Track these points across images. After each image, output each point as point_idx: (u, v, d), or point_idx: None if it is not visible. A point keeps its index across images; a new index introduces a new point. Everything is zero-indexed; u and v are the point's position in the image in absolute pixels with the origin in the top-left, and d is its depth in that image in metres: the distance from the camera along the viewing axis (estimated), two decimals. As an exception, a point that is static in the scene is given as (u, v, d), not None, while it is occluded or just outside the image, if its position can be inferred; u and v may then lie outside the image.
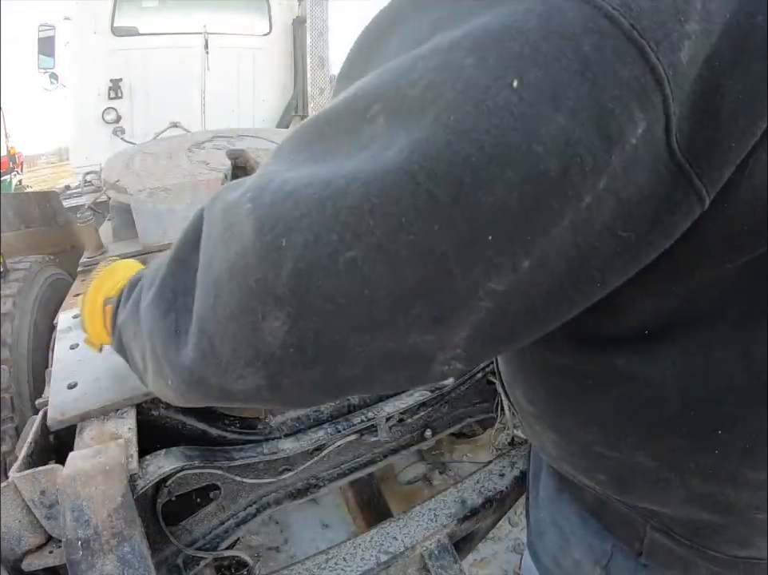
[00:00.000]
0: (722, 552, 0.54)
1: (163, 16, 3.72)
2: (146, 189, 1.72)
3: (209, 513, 0.94)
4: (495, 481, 1.18)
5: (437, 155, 0.28)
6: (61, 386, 0.89)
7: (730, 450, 0.44)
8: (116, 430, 0.78)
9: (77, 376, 0.92)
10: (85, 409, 0.84)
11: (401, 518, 1.07)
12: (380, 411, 1.08)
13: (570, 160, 0.27)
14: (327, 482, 1.08)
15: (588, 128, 0.27)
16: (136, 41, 3.57)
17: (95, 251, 1.70)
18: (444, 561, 1.02)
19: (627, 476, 0.52)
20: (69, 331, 1.13)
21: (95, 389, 0.88)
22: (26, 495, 0.68)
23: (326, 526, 1.98)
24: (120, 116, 3.60)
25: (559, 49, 0.27)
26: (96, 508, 0.65)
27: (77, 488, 0.66)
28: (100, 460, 0.69)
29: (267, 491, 1.01)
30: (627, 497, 0.56)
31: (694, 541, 0.55)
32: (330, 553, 0.98)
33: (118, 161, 1.96)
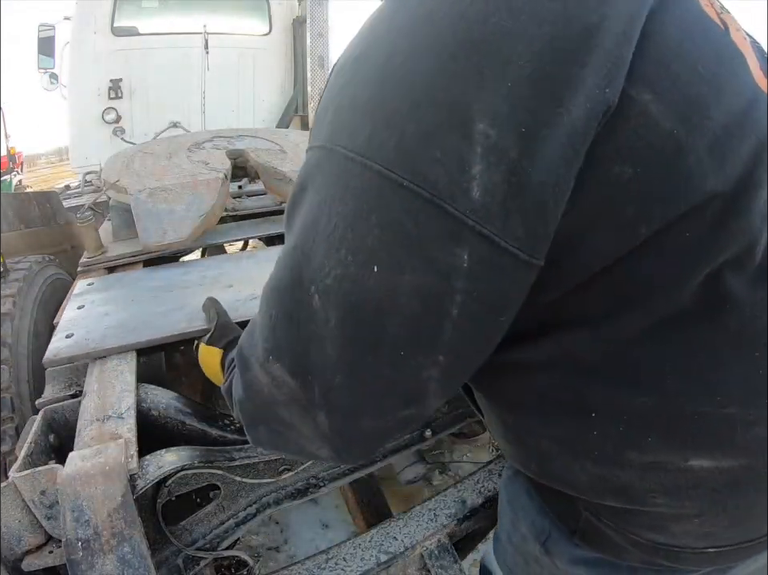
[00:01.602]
0: (642, 536, 0.56)
1: (163, 16, 3.72)
2: (146, 189, 1.72)
3: (209, 513, 0.94)
4: (495, 481, 1.18)
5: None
6: (61, 337, 1.08)
7: (607, 431, 0.50)
8: (116, 429, 0.78)
9: (76, 330, 1.11)
10: (74, 354, 1.02)
11: (401, 518, 1.07)
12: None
13: (426, 299, 0.40)
14: (327, 482, 1.08)
15: (429, 275, 0.39)
16: (136, 42, 3.56)
17: (95, 251, 1.69)
18: (444, 561, 1.02)
19: (544, 462, 0.58)
20: (81, 295, 1.32)
21: (86, 340, 1.06)
22: (26, 495, 0.68)
23: (326, 526, 1.97)
24: (120, 116, 3.60)
25: (391, 229, 0.40)
26: (96, 508, 0.65)
27: (76, 488, 0.66)
28: (100, 460, 0.69)
29: (267, 491, 1.01)
30: (551, 483, 0.60)
31: (617, 524, 0.57)
32: (330, 553, 0.98)
33: (118, 161, 1.96)
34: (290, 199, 0.48)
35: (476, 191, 0.37)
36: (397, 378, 0.44)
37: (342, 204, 0.41)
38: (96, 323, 1.14)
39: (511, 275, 0.40)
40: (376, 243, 0.40)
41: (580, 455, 0.53)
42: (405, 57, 0.40)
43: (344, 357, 0.44)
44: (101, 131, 3.57)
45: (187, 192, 1.73)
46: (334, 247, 0.41)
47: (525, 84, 0.36)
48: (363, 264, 0.40)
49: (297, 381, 0.46)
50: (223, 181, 1.80)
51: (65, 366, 1.04)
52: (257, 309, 0.53)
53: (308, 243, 0.44)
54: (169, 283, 1.37)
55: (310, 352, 0.45)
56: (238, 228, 1.97)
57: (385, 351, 0.43)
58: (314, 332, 0.44)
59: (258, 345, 0.50)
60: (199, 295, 1.27)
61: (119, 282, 1.42)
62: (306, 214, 0.45)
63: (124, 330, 1.10)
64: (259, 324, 0.51)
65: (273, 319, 0.48)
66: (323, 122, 0.46)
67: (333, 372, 0.44)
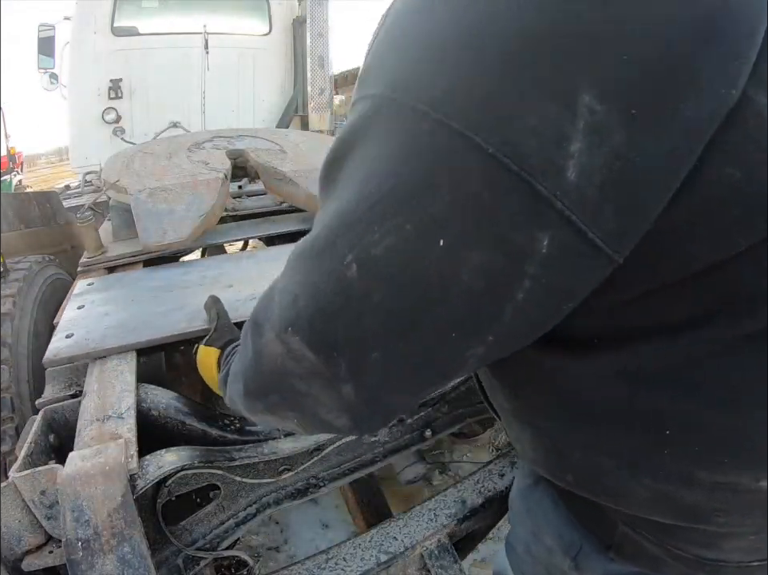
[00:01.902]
0: (688, 552, 0.54)
1: (163, 16, 3.72)
2: (146, 189, 1.72)
3: (209, 513, 0.94)
4: (495, 481, 1.18)
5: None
6: (61, 337, 1.09)
7: (680, 450, 0.46)
8: (116, 429, 0.78)
9: (76, 330, 1.11)
10: (74, 354, 1.02)
11: (401, 518, 1.07)
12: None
13: (492, 280, 0.36)
14: (327, 482, 1.08)
15: (500, 256, 0.35)
16: (136, 41, 3.56)
17: (95, 251, 1.69)
18: (444, 561, 1.03)
19: (592, 476, 0.53)
20: (81, 295, 1.32)
21: (86, 340, 1.06)
22: (26, 495, 0.68)
23: (326, 526, 1.97)
24: (120, 116, 3.59)
25: (465, 202, 0.35)
26: (96, 508, 0.65)
27: (76, 488, 0.66)
28: (100, 460, 0.69)
29: (267, 491, 1.01)
30: (595, 496, 0.56)
31: (660, 539, 0.55)
32: (330, 553, 0.98)
33: (118, 161, 1.96)
34: (331, 155, 0.43)
35: (571, 171, 0.33)
36: (441, 356, 0.41)
37: (403, 164, 0.36)
38: (97, 323, 1.14)
39: (588, 268, 0.37)
40: (444, 213, 0.35)
41: (642, 472, 0.49)
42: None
43: (384, 334, 0.40)
44: (101, 131, 3.57)
45: (187, 192, 1.73)
46: (388, 213, 0.36)
47: (645, 63, 0.32)
48: (425, 236, 0.36)
49: (319, 356, 0.42)
50: (223, 181, 1.80)
51: (65, 367, 1.04)
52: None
53: (351, 206, 0.39)
54: (169, 283, 1.37)
55: (338, 328, 0.41)
56: (238, 227, 1.97)
57: (434, 330, 0.39)
58: (346, 306, 0.40)
59: (274, 312, 0.46)
60: (199, 295, 1.27)
61: (119, 282, 1.43)
62: (352, 173, 0.40)
63: (124, 330, 1.10)
64: (279, 290, 0.46)
65: (296, 287, 0.43)
66: (381, 68, 0.40)
67: (368, 348, 0.41)
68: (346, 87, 8.48)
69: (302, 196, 1.89)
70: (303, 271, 0.43)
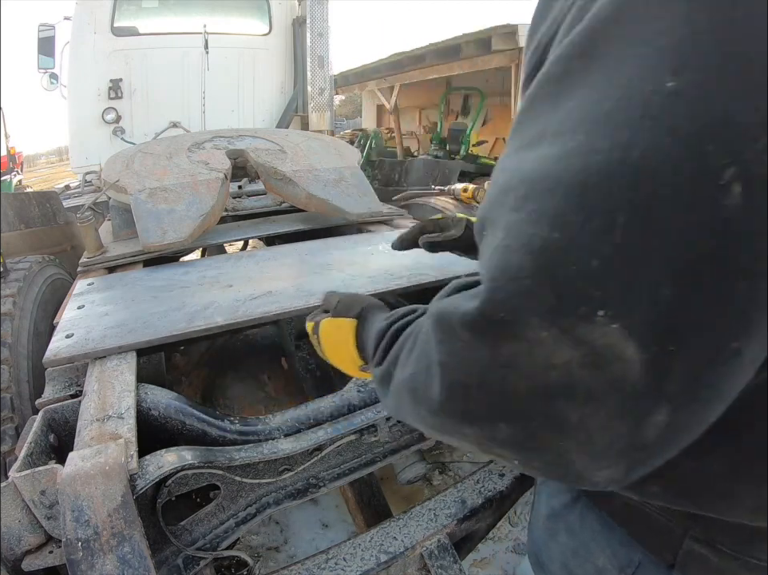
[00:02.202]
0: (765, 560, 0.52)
1: (163, 16, 3.72)
2: (146, 189, 1.72)
3: (209, 513, 0.94)
4: (495, 481, 1.18)
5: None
6: (61, 336, 1.10)
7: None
8: (116, 430, 0.78)
9: (76, 329, 1.12)
10: (73, 353, 1.03)
11: (401, 518, 1.07)
12: (380, 411, 1.08)
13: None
14: (327, 482, 1.08)
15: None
16: (136, 42, 3.56)
17: (95, 251, 1.70)
18: (444, 560, 1.03)
19: (693, 485, 0.48)
20: (81, 295, 1.34)
21: (86, 340, 1.07)
22: (26, 495, 0.69)
23: (326, 526, 1.97)
24: (120, 116, 3.60)
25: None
26: (96, 508, 0.65)
27: (76, 488, 0.66)
28: (100, 460, 0.69)
29: (267, 491, 1.01)
30: (683, 506, 0.52)
31: (737, 549, 0.53)
32: (330, 553, 0.98)
33: (118, 161, 1.96)
34: (586, 31, 0.33)
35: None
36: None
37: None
38: (97, 322, 1.15)
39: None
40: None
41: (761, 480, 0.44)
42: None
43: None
44: (101, 131, 3.57)
45: (187, 192, 1.73)
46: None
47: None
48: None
49: (648, 352, 0.29)
50: (223, 181, 1.80)
51: (65, 367, 1.04)
52: (258, 309, 0.40)
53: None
54: (169, 283, 1.37)
55: (696, 305, 0.28)
56: (238, 227, 1.97)
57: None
58: (729, 268, 0.28)
59: (568, 289, 0.30)
60: (198, 295, 1.27)
61: (119, 282, 1.43)
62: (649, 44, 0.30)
63: (124, 330, 1.10)
64: (577, 247, 0.29)
65: (617, 237, 0.28)
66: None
67: (724, 345, 0.30)
68: (346, 87, 8.47)
69: (303, 196, 1.89)
70: (614, 206, 0.29)
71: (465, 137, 6.73)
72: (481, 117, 7.32)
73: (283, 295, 1.25)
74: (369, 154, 6.69)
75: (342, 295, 0.75)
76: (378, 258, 1.56)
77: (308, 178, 1.92)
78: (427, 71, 6.22)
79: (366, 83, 7.84)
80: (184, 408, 0.95)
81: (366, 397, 1.15)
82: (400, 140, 7.86)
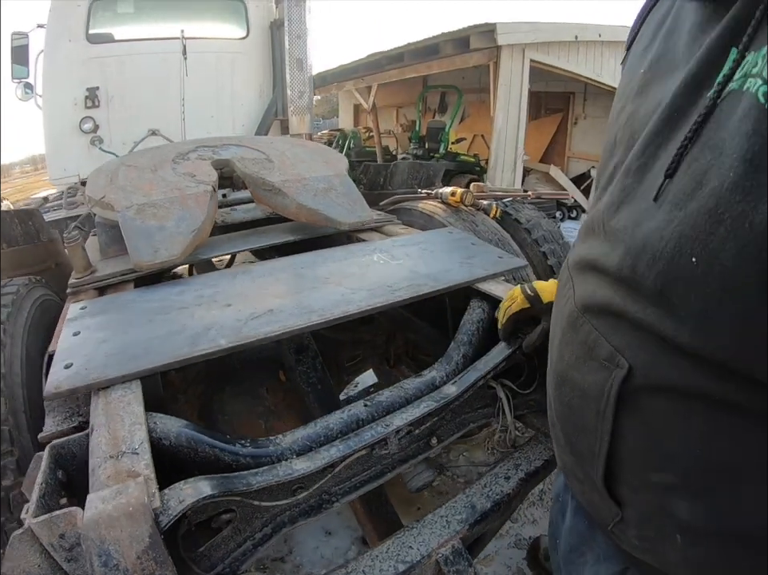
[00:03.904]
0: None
1: (139, 22, 3.65)
2: (134, 206, 1.69)
3: (226, 538, 0.93)
4: (502, 485, 1.19)
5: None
6: (60, 367, 1.06)
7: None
8: (133, 466, 0.77)
9: (75, 359, 1.09)
10: (76, 385, 1.00)
11: (414, 527, 1.08)
12: (389, 425, 1.08)
13: None
14: (340, 497, 1.08)
15: None
16: (111, 48, 3.49)
17: (83, 271, 1.66)
18: (459, 565, 1.03)
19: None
20: (75, 320, 1.29)
21: (86, 370, 1.04)
22: (44, 540, 0.67)
23: (330, 534, 1.98)
24: (98, 125, 3.52)
25: None
26: (124, 551, 0.64)
27: (101, 532, 0.64)
28: (122, 501, 0.68)
29: (282, 510, 1.01)
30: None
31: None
32: (349, 567, 0.98)
33: (101, 176, 1.92)
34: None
35: None
36: None
37: None
38: (95, 350, 1.12)
39: None
40: None
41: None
42: None
43: None
44: (79, 141, 3.50)
45: (176, 207, 1.70)
46: None
47: None
48: None
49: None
50: (211, 194, 1.78)
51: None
52: (262, 329, 0.41)
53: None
54: (165, 304, 1.35)
55: None
56: (228, 240, 1.95)
57: None
58: None
59: None
60: (197, 316, 1.26)
61: (113, 304, 1.40)
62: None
63: (124, 357, 1.08)
64: None
65: None
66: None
67: None
68: (323, 87, 8.42)
69: (293, 207, 1.88)
70: None
71: (443, 135, 6.74)
72: (459, 115, 7.34)
73: (284, 313, 1.25)
74: (348, 154, 6.68)
75: None
76: (375, 269, 1.55)
77: (297, 188, 1.91)
78: (405, 70, 6.23)
79: (344, 83, 7.82)
80: (195, 436, 0.94)
81: (373, 411, 1.15)
82: (379, 140, 7.85)
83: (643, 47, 0.62)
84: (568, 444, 0.69)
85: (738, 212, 0.41)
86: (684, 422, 0.50)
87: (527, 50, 5.34)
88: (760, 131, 0.40)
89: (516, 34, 5.12)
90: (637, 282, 0.52)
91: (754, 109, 0.41)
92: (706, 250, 0.43)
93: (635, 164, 0.55)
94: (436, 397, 1.18)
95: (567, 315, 0.67)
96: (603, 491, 0.61)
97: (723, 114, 0.44)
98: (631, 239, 0.53)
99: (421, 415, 1.12)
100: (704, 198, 0.44)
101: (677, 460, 0.51)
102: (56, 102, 3.43)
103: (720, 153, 0.43)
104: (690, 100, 0.49)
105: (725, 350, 0.44)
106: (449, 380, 1.26)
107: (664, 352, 0.50)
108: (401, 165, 3.61)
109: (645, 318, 0.51)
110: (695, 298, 0.45)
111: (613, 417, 0.56)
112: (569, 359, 0.65)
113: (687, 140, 0.47)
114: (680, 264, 0.46)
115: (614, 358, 0.55)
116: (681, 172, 0.48)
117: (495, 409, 1.33)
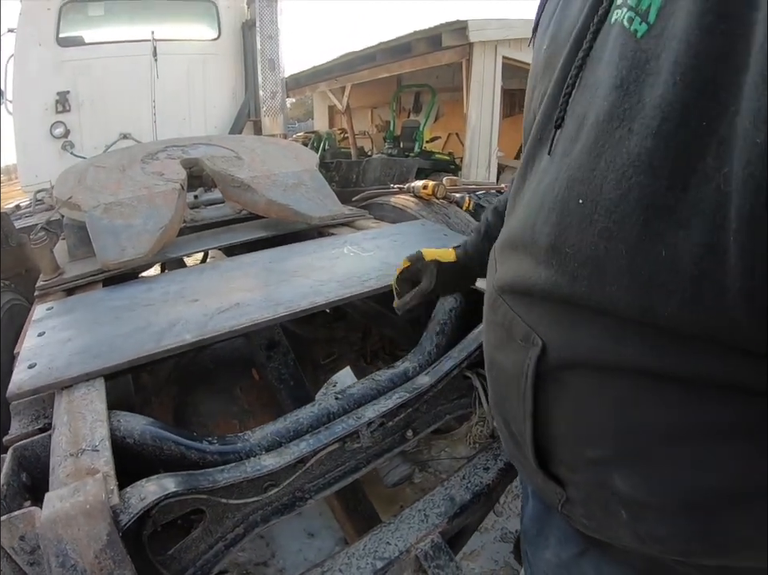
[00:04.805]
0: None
1: (109, 24, 3.59)
2: (100, 205, 1.66)
3: (196, 539, 0.91)
4: (481, 476, 1.18)
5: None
6: (23, 367, 1.05)
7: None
8: (92, 463, 0.74)
9: (38, 359, 1.08)
10: (38, 385, 0.98)
11: (392, 523, 1.06)
12: (361, 417, 1.07)
13: None
14: (313, 494, 1.06)
15: None
16: (82, 52, 3.43)
17: (51, 272, 1.63)
18: (440, 560, 1.02)
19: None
20: (41, 321, 1.27)
21: (49, 369, 1.03)
22: (5, 542, 0.64)
23: (312, 535, 1.95)
24: (69, 129, 3.46)
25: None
26: (81, 550, 0.61)
27: (58, 531, 0.62)
28: (80, 498, 0.65)
29: (254, 509, 0.98)
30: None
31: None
32: (324, 566, 0.96)
33: (69, 177, 1.88)
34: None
35: None
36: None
37: None
38: (59, 349, 1.10)
39: None
40: None
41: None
42: None
43: None
44: (50, 146, 3.43)
45: (143, 206, 1.68)
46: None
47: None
48: None
49: None
50: (180, 192, 1.75)
51: (30, 398, 0.99)
52: (228, 322, 0.41)
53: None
54: (132, 301, 1.33)
55: None
56: (198, 239, 1.92)
57: None
58: None
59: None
60: (163, 312, 1.23)
61: (79, 304, 1.37)
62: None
63: (89, 355, 1.06)
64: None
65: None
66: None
67: None
68: (297, 89, 8.38)
69: (262, 203, 1.86)
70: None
71: (418, 134, 6.76)
72: (433, 114, 7.36)
73: (252, 306, 1.23)
74: (323, 156, 6.66)
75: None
76: (344, 261, 1.54)
77: (266, 184, 1.89)
78: (378, 70, 6.21)
79: (318, 84, 7.79)
80: (159, 433, 0.92)
81: (345, 404, 1.13)
82: (353, 141, 7.84)
83: (544, 28, 0.61)
84: (505, 429, 0.67)
85: (615, 140, 0.41)
86: (603, 394, 0.49)
87: (499, 47, 5.35)
88: (626, 54, 0.41)
89: (487, 31, 5.12)
90: (535, 243, 0.51)
91: (620, 35, 0.42)
92: (591, 186, 0.43)
93: (538, 134, 0.55)
94: (409, 388, 1.16)
95: (488, 298, 0.68)
96: (540, 473, 0.60)
97: (597, 53, 0.45)
98: (532, 201, 0.53)
99: (393, 406, 1.10)
100: (585, 135, 0.45)
101: (606, 432, 0.50)
102: (26, 107, 3.36)
103: (597, 89, 0.44)
104: (577, 54, 0.49)
105: (619, 299, 0.43)
106: (422, 371, 1.24)
107: (572, 323, 0.49)
108: (373, 162, 3.60)
109: (546, 283, 0.50)
110: (585, 242, 0.44)
111: (533, 397, 0.55)
112: (494, 342, 0.65)
113: (570, 86, 0.47)
114: (569, 209, 0.46)
115: (529, 336, 0.55)
116: (567, 120, 0.48)
117: (471, 399, 1.32)
